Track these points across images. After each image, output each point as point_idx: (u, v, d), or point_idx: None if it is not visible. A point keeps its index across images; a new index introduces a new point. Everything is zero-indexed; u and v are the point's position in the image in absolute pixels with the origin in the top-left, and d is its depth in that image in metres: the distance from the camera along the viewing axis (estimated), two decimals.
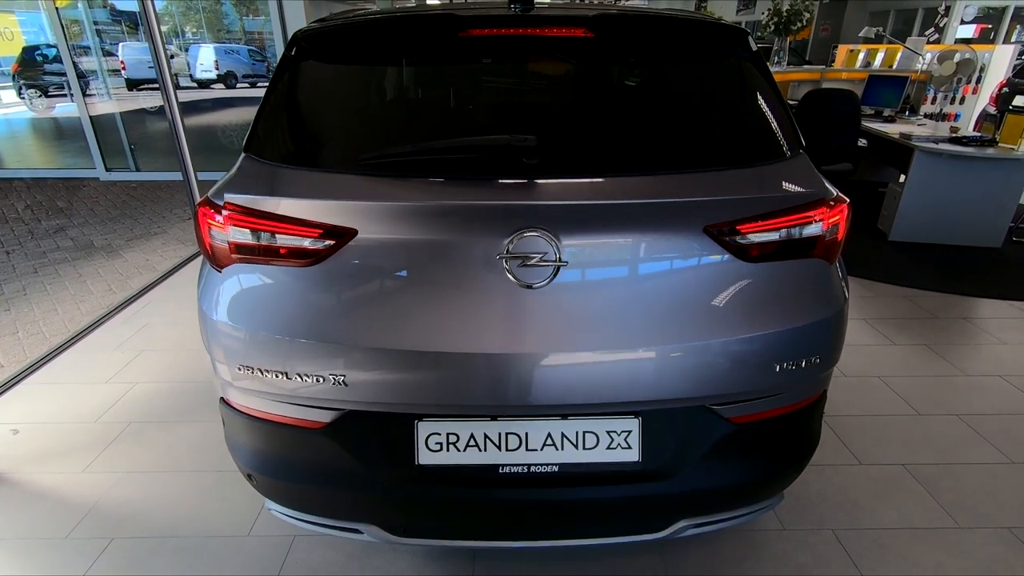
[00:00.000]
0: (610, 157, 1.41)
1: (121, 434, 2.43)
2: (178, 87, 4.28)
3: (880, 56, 6.74)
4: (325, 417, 1.36)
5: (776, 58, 7.03)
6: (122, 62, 8.17)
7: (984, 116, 6.19)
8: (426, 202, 1.27)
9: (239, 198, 1.31)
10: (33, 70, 11.62)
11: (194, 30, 9.73)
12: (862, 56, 7.06)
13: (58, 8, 6.73)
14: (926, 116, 5.61)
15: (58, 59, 7.81)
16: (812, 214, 1.32)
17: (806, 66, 8.11)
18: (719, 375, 1.33)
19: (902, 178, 4.61)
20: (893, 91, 5.49)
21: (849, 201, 1.40)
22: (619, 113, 1.55)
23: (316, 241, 1.26)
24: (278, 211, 1.28)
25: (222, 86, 10.96)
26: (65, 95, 9.62)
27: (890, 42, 6.83)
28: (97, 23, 7.44)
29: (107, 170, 7.10)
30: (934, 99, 5.70)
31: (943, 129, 4.80)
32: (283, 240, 1.28)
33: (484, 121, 1.56)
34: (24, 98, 11.70)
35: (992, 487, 2.14)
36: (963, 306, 3.63)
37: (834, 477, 2.18)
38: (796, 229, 1.32)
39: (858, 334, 3.23)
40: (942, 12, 8.98)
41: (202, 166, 3.69)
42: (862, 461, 2.27)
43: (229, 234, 1.31)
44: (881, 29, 6.54)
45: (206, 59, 10.60)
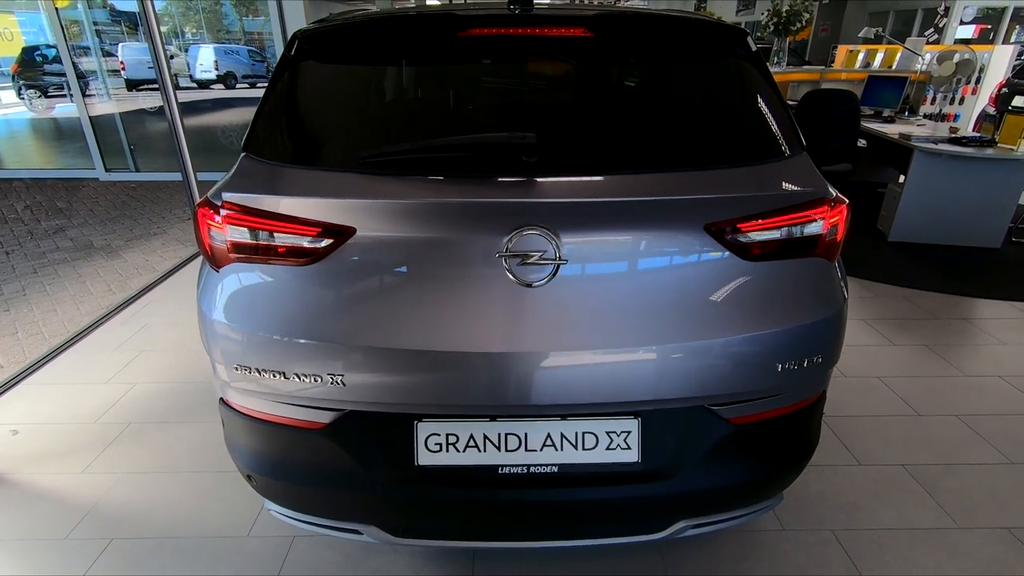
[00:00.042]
0: (610, 155, 1.41)
1: (121, 435, 2.43)
2: (178, 87, 4.28)
3: (879, 56, 6.74)
4: (324, 418, 1.36)
5: (776, 58, 7.03)
6: (122, 62, 8.17)
7: (983, 116, 6.18)
8: (425, 199, 1.26)
9: (237, 197, 1.30)
10: (33, 70, 11.62)
11: (194, 30, 9.73)
12: (861, 56, 7.06)
13: (58, 8, 6.72)
14: (925, 116, 5.61)
15: (58, 59, 7.81)
16: (813, 213, 1.32)
17: (805, 66, 8.11)
18: (720, 375, 1.32)
19: (901, 178, 4.61)
20: (892, 91, 5.50)
21: (848, 202, 1.40)
22: (619, 112, 1.54)
23: (314, 240, 1.26)
24: (276, 210, 1.27)
25: (222, 86, 10.96)
26: (65, 95, 9.62)
27: (889, 42, 6.83)
28: (97, 23, 7.44)
29: (107, 170, 7.11)
30: (933, 99, 5.70)
31: (942, 129, 4.80)
32: (281, 239, 1.28)
33: (483, 120, 1.56)
34: (24, 98, 11.70)
35: (992, 487, 2.14)
36: (962, 306, 3.63)
37: (833, 478, 2.18)
38: (797, 228, 1.32)
39: (858, 334, 3.23)
40: (941, 12, 8.99)
41: (202, 166, 3.69)
42: (861, 462, 2.27)
43: (227, 233, 1.31)
44: (880, 29, 6.54)
45: (206, 59, 10.60)
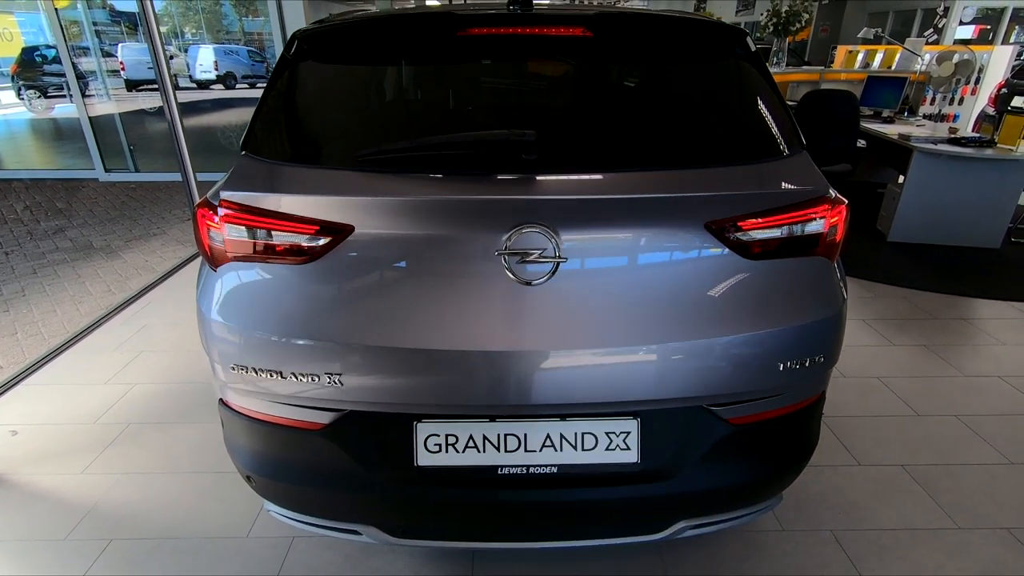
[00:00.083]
0: (609, 153, 1.41)
1: (120, 435, 2.42)
2: (177, 88, 4.28)
3: (879, 57, 6.74)
4: (324, 418, 1.36)
5: (775, 59, 7.03)
6: (121, 63, 8.15)
7: (983, 117, 6.19)
8: (423, 197, 1.26)
9: (235, 195, 1.30)
10: (32, 71, 11.60)
11: (193, 31, 9.72)
12: (861, 57, 7.06)
13: (57, 9, 6.72)
14: (925, 117, 5.62)
15: (57, 60, 7.81)
16: (814, 211, 1.32)
17: (805, 67, 8.10)
18: (721, 374, 1.32)
19: (901, 179, 4.61)
20: (892, 92, 5.50)
21: (847, 202, 1.40)
22: (618, 110, 1.54)
23: (312, 238, 1.25)
24: (274, 208, 1.27)
25: (221, 87, 10.94)
26: (64, 96, 9.60)
27: (889, 43, 6.84)
28: (96, 24, 7.43)
29: (106, 171, 7.11)
30: (933, 100, 5.70)
31: (942, 130, 4.80)
32: (279, 237, 1.27)
33: (483, 119, 1.56)
34: (23, 99, 11.69)
35: (991, 488, 2.14)
36: (962, 307, 3.63)
37: (833, 478, 2.18)
38: (798, 226, 1.31)
39: (857, 334, 3.23)
40: (941, 13, 8.99)
41: (201, 167, 3.69)
42: (861, 462, 2.27)
43: (225, 232, 1.30)
44: (880, 30, 6.55)
45: (205, 60, 10.59)
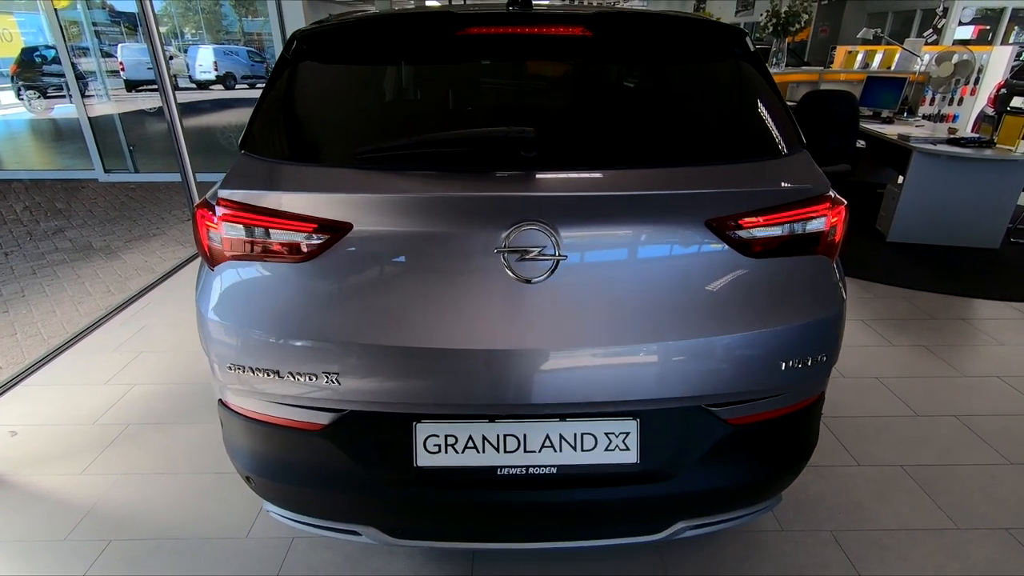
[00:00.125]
0: (609, 151, 1.41)
1: (119, 436, 2.42)
2: (177, 88, 4.28)
3: (878, 57, 6.74)
4: (323, 419, 1.36)
5: (775, 59, 7.03)
6: (121, 63, 8.16)
7: (982, 117, 6.20)
8: (422, 194, 1.25)
9: (233, 193, 1.29)
10: (32, 71, 11.61)
11: (193, 31, 9.72)
12: (860, 57, 7.06)
13: (57, 9, 6.72)
14: (924, 117, 5.62)
15: (57, 60, 7.81)
16: (815, 209, 1.31)
17: (804, 67, 8.10)
18: (722, 374, 1.31)
19: (900, 179, 4.62)
20: (891, 92, 5.50)
21: (846, 203, 1.40)
22: (618, 109, 1.55)
23: (311, 236, 1.25)
24: (272, 206, 1.27)
25: (221, 87, 10.95)
26: (64, 96, 9.61)
27: (888, 43, 6.84)
28: (96, 24, 7.43)
29: (106, 171, 7.10)
30: (932, 100, 5.70)
31: (941, 130, 4.80)
32: (277, 235, 1.27)
33: (482, 118, 1.56)
34: (23, 99, 11.70)
35: (990, 488, 2.14)
36: (961, 307, 3.64)
37: (832, 478, 2.18)
38: (799, 224, 1.31)
39: (856, 335, 3.23)
40: (940, 13, 8.99)
41: (201, 167, 3.69)
42: (860, 462, 2.27)
43: (223, 231, 1.30)
44: (879, 30, 6.55)
45: (205, 60, 10.60)
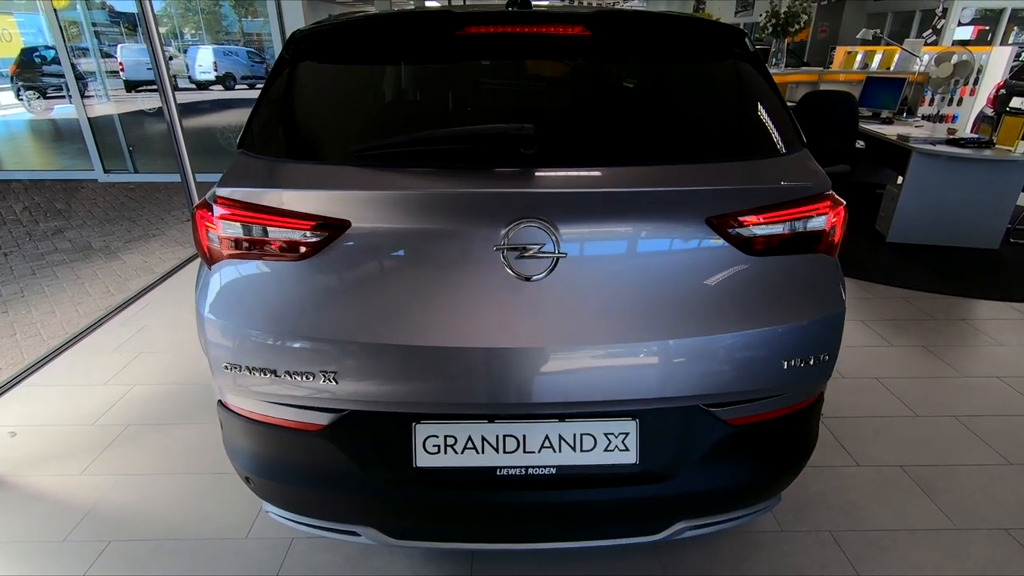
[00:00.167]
0: (609, 149, 1.41)
1: (119, 436, 2.42)
2: (176, 89, 4.28)
3: (878, 58, 6.75)
4: (323, 420, 1.36)
5: (774, 60, 7.04)
6: (120, 64, 8.16)
7: (981, 118, 6.21)
8: (420, 191, 1.25)
9: (231, 192, 1.29)
10: (31, 72, 11.61)
11: (193, 32, 9.72)
12: (860, 58, 7.07)
13: (56, 10, 6.72)
14: (924, 118, 5.62)
15: (56, 61, 7.81)
16: (816, 207, 1.31)
17: (804, 68, 8.11)
18: (724, 373, 1.31)
19: (900, 180, 4.62)
20: (891, 93, 5.50)
21: (845, 203, 1.40)
22: (618, 108, 1.55)
23: (309, 234, 1.25)
24: (269, 203, 1.26)
25: (221, 88, 10.96)
26: (63, 97, 9.60)
27: (888, 44, 6.84)
28: (95, 25, 7.42)
29: (105, 172, 7.10)
30: (932, 101, 5.71)
31: (940, 131, 4.81)
32: (275, 233, 1.26)
33: (482, 118, 1.55)
34: (22, 100, 11.70)
35: (990, 488, 2.14)
36: (960, 307, 3.64)
37: (832, 478, 2.18)
38: (800, 222, 1.31)
39: (856, 335, 3.23)
40: (940, 14, 8.99)
41: (200, 168, 3.69)
42: (860, 462, 2.27)
43: (220, 229, 1.30)
44: (879, 31, 6.56)
45: (205, 61, 10.60)
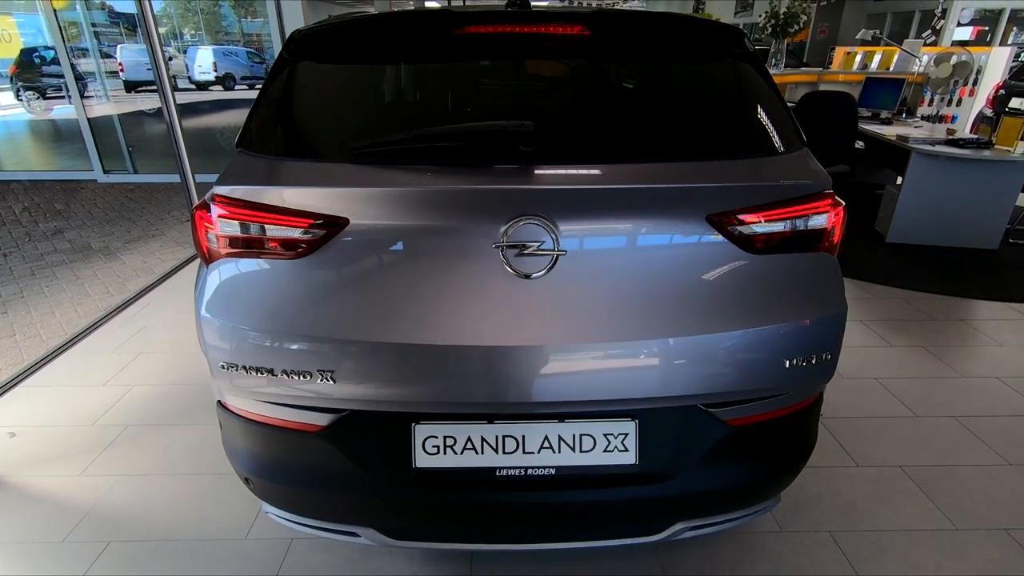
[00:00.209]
0: (608, 146, 1.41)
1: (118, 437, 2.42)
2: (176, 89, 4.28)
3: (877, 58, 6.75)
4: (322, 420, 1.36)
5: (774, 60, 7.04)
6: (120, 64, 8.17)
7: (981, 118, 6.21)
8: (419, 188, 1.25)
9: (229, 190, 1.29)
10: (31, 72, 11.62)
11: (192, 32, 9.73)
12: (859, 58, 7.08)
13: (56, 10, 6.72)
14: (923, 118, 5.62)
15: (56, 61, 7.80)
16: (817, 205, 1.31)
17: (803, 68, 8.12)
18: (726, 371, 1.31)
19: (899, 180, 4.62)
20: (890, 93, 5.50)
21: (844, 204, 1.40)
22: (618, 107, 1.55)
23: (307, 231, 1.24)
24: (267, 201, 1.26)
25: (220, 88, 10.98)
26: (63, 97, 9.61)
27: (887, 44, 6.85)
28: (95, 25, 7.43)
29: (105, 172, 7.10)
30: (931, 101, 5.72)
31: (940, 131, 4.81)
32: (273, 231, 1.26)
33: (481, 117, 1.55)
34: (22, 100, 11.71)
35: (989, 489, 2.14)
36: (960, 308, 3.64)
37: (831, 479, 2.18)
38: (801, 220, 1.31)
39: (855, 336, 3.23)
40: (939, 14, 9.01)
41: (200, 168, 3.69)
42: (859, 463, 2.27)
43: (218, 228, 1.29)
44: (878, 31, 6.56)
45: (204, 61, 10.62)
